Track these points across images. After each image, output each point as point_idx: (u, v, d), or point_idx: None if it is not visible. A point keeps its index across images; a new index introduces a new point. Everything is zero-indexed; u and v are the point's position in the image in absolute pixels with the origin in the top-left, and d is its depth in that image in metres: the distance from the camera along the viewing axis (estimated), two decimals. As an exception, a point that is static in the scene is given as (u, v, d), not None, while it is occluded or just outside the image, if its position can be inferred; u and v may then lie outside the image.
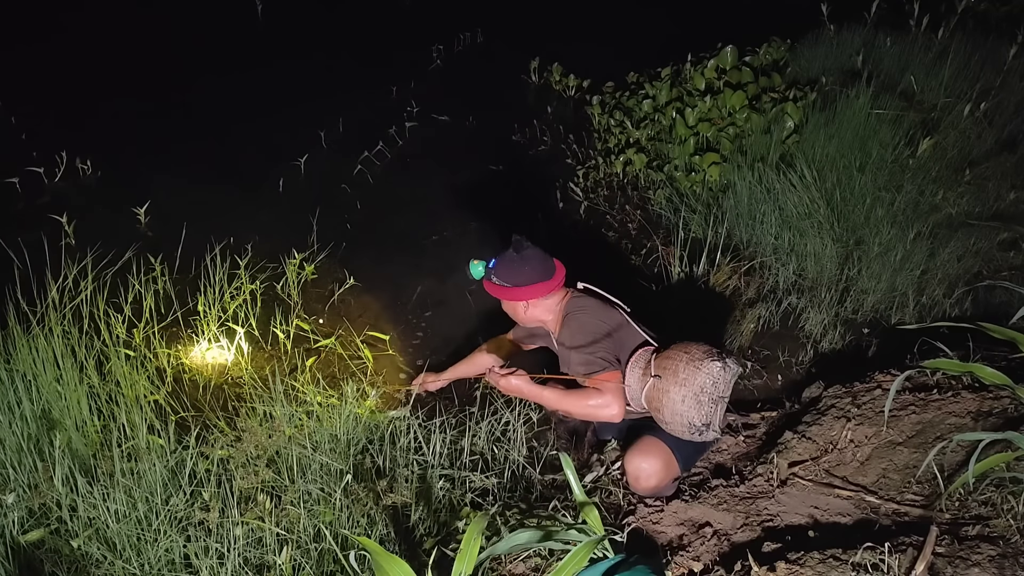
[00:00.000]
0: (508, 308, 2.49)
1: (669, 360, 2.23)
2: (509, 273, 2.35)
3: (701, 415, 2.17)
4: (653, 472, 2.24)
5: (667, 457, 2.27)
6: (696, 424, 2.18)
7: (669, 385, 2.19)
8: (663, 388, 2.20)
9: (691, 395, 2.16)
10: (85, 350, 2.42)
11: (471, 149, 4.71)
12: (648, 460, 2.25)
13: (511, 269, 2.35)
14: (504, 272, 2.36)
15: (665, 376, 2.21)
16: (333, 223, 3.88)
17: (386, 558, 1.58)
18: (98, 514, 2.00)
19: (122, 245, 3.01)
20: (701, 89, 4.28)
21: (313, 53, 5.54)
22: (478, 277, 2.43)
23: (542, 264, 2.36)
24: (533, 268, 2.34)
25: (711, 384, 2.16)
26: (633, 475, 2.26)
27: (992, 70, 4.18)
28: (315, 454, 2.21)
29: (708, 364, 2.17)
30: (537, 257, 2.36)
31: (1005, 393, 2.18)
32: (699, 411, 2.17)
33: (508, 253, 2.36)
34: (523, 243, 2.35)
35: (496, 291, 2.41)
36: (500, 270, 2.37)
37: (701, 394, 2.16)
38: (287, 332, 2.87)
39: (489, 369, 2.36)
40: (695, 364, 2.18)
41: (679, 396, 2.17)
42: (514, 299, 2.39)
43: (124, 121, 4.43)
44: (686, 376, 2.17)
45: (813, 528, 1.99)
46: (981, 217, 3.58)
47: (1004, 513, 1.81)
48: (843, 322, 3.25)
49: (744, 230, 3.74)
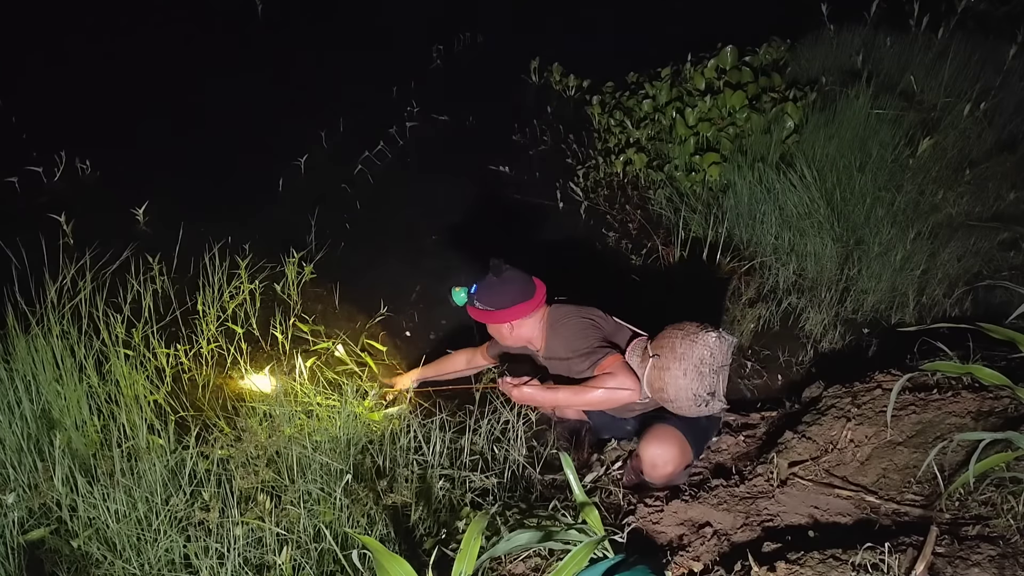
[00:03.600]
0: (494, 331, 2.54)
1: (665, 339, 2.29)
2: (491, 297, 2.40)
3: (704, 385, 2.22)
4: (670, 458, 2.27)
5: (681, 442, 2.30)
6: (701, 395, 2.22)
7: (669, 362, 2.23)
8: (663, 366, 2.24)
9: (692, 367, 2.21)
10: (84, 350, 2.41)
11: (471, 149, 4.71)
12: (663, 447, 2.27)
13: (493, 293, 2.40)
14: (486, 296, 2.41)
15: (664, 354, 2.25)
16: (333, 223, 3.87)
17: (387, 557, 1.58)
18: (98, 514, 1.99)
19: (121, 245, 3.01)
20: (701, 89, 4.28)
21: (313, 53, 5.53)
22: (461, 304, 2.48)
23: (522, 284, 2.42)
24: (514, 289, 2.40)
25: (709, 355, 2.22)
26: (650, 463, 2.29)
27: (992, 70, 4.19)
28: (315, 454, 2.21)
29: (703, 336, 2.23)
30: (517, 278, 2.41)
31: (1005, 393, 2.18)
32: (701, 382, 2.22)
33: (488, 278, 2.42)
34: (501, 266, 2.40)
35: (480, 316, 2.46)
36: (482, 295, 2.42)
37: (701, 365, 2.21)
38: (286, 333, 2.87)
39: (501, 380, 2.39)
40: (691, 338, 2.24)
41: (680, 371, 2.22)
42: (499, 321, 2.44)
43: (124, 121, 4.42)
44: (684, 351, 2.22)
45: (813, 528, 1.99)
46: (981, 217, 3.58)
47: (1004, 513, 1.81)
48: (843, 322, 3.26)
49: (744, 230, 3.74)
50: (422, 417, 2.52)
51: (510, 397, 2.42)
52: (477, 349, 2.84)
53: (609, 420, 2.60)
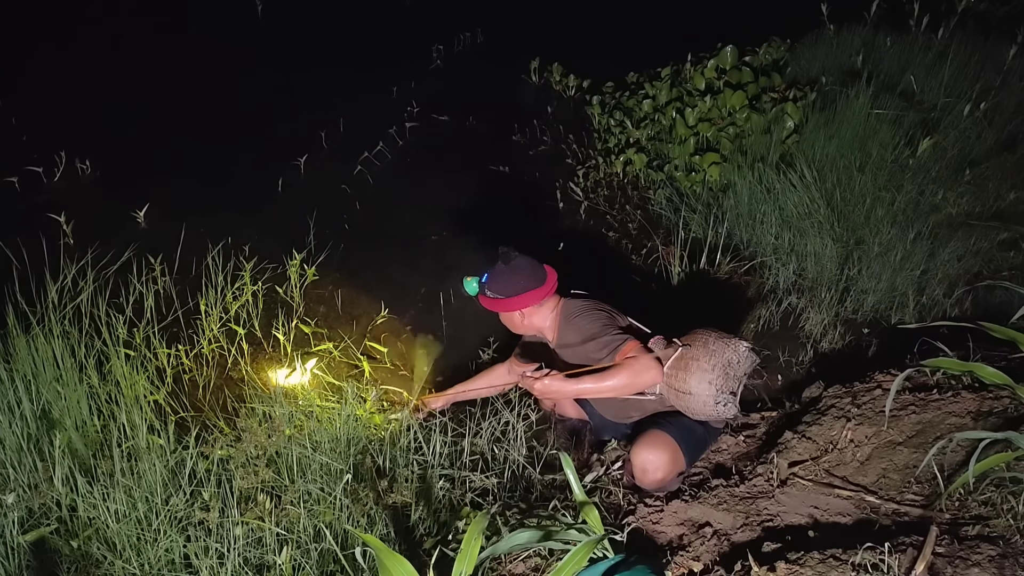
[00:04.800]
0: (505, 320, 2.54)
1: (698, 336, 2.32)
2: (502, 285, 2.41)
3: (729, 384, 2.24)
4: (661, 464, 2.26)
5: (674, 450, 2.29)
6: (724, 392, 2.24)
7: (700, 354, 2.26)
8: (693, 356, 2.27)
9: (720, 365, 2.24)
10: (85, 350, 2.41)
11: (471, 149, 4.71)
12: (655, 453, 2.26)
13: (503, 281, 2.41)
14: (497, 285, 2.42)
15: (695, 345, 2.29)
16: (333, 223, 3.87)
17: (389, 556, 1.58)
18: (98, 514, 1.99)
19: (122, 245, 3.01)
20: (701, 89, 4.28)
21: (313, 53, 5.53)
22: (473, 293, 2.49)
23: (532, 272, 2.42)
24: (524, 277, 2.40)
25: (737, 361, 2.25)
26: (640, 468, 2.28)
27: (992, 70, 4.18)
28: (315, 454, 2.21)
29: (735, 342, 2.28)
30: (527, 265, 2.42)
31: (1005, 393, 2.18)
32: (726, 381, 2.24)
33: (498, 266, 2.42)
34: (511, 253, 2.40)
35: (492, 304, 2.46)
36: (493, 283, 2.43)
37: (728, 367, 2.24)
38: (288, 335, 2.86)
39: (522, 375, 2.38)
40: (724, 340, 2.28)
41: (709, 365, 2.24)
42: (510, 309, 2.45)
43: (124, 121, 4.42)
44: (716, 348, 2.26)
45: (813, 528, 1.99)
46: (981, 217, 3.58)
47: (1004, 513, 1.81)
48: (843, 322, 3.25)
49: (744, 230, 3.74)
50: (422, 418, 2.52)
51: (532, 392, 2.40)
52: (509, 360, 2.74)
53: (610, 423, 2.60)
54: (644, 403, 2.44)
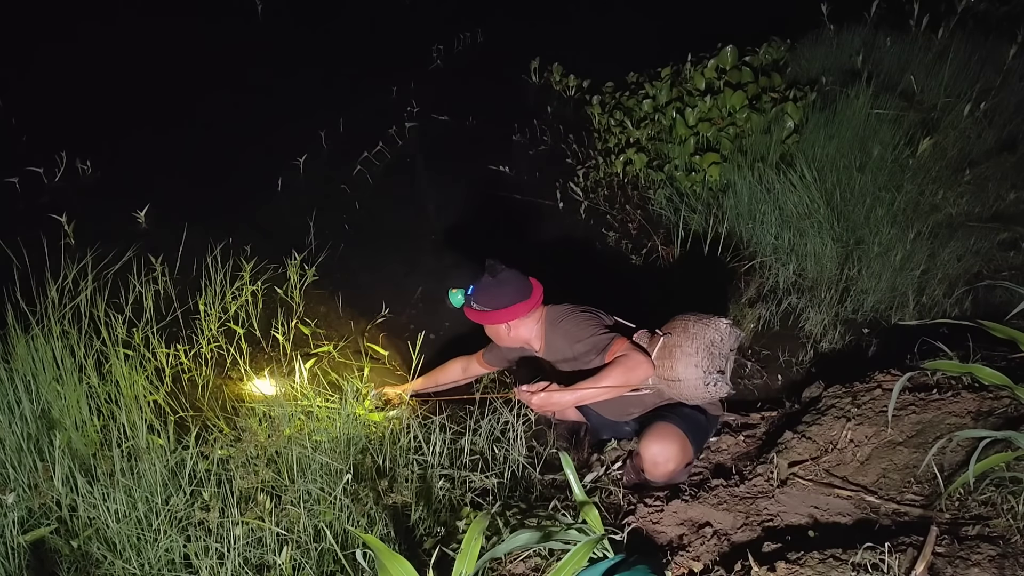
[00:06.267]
0: (491, 332, 2.55)
1: (677, 322, 2.35)
2: (488, 298, 2.42)
3: (714, 364, 2.26)
4: (672, 455, 2.26)
5: (682, 440, 2.30)
6: (712, 372, 2.25)
7: (681, 339, 2.28)
8: (675, 343, 2.29)
9: (703, 347, 2.25)
10: (84, 350, 2.41)
11: (471, 149, 4.71)
12: (664, 444, 2.27)
13: (489, 293, 2.42)
14: (483, 297, 2.43)
15: (675, 333, 2.30)
16: (332, 223, 3.87)
17: (389, 556, 1.58)
18: (98, 514, 1.99)
19: (122, 245, 3.00)
20: (701, 89, 4.28)
21: (313, 53, 5.53)
22: (458, 305, 2.49)
23: (519, 284, 2.43)
24: (511, 290, 2.41)
25: (720, 339, 2.27)
26: (651, 461, 2.28)
27: (992, 70, 4.18)
28: (315, 454, 2.21)
29: (715, 321, 2.30)
30: (513, 278, 2.43)
31: (1005, 393, 2.18)
32: (712, 361, 2.26)
33: (484, 278, 2.43)
34: (497, 266, 2.41)
35: (478, 317, 2.47)
36: (479, 296, 2.43)
37: (712, 347, 2.26)
38: (288, 335, 2.86)
39: (516, 389, 2.39)
40: (703, 321, 2.30)
41: (692, 348, 2.26)
42: (496, 322, 2.45)
43: (124, 121, 4.42)
44: (696, 331, 2.28)
45: (813, 528, 1.99)
46: (981, 217, 3.58)
47: (1004, 513, 1.81)
48: (843, 322, 3.25)
49: (744, 230, 3.74)
50: (422, 418, 2.52)
51: (529, 406, 2.40)
52: (473, 356, 2.82)
53: (609, 422, 2.60)
54: (643, 398, 2.44)
